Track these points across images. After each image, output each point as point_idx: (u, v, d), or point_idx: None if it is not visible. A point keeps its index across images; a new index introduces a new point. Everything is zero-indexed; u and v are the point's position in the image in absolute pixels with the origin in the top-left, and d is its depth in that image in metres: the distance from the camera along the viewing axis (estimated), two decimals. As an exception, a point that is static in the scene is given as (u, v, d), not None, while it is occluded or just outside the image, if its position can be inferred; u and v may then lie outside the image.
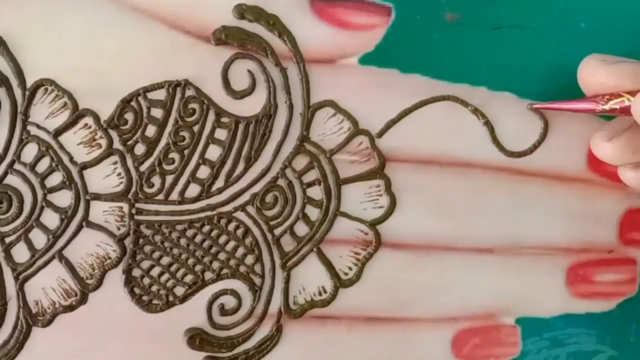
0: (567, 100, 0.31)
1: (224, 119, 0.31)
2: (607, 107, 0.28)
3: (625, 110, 0.28)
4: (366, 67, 0.32)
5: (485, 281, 0.34)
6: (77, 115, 0.30)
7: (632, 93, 0.28)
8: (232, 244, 0.32)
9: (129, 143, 0.31)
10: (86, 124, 0.31)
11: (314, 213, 0.33)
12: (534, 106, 0.33)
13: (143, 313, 0.32)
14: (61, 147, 0.30)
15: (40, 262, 0.31)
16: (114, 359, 0.32)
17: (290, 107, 0.32)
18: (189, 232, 0.32)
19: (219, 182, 0.32)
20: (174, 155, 0.31)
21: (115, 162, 0.31)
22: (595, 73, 0.28)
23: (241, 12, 0.31)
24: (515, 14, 0.33)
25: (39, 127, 0.30)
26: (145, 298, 0.32)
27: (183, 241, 0.32)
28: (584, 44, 0.34)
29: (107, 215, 0.31)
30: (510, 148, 0.34)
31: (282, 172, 0.32)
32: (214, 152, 0.32)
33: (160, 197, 0.31)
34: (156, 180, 0.31)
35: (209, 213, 0.32)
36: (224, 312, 0.32)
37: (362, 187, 0.33)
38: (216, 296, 0.32)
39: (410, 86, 0.33)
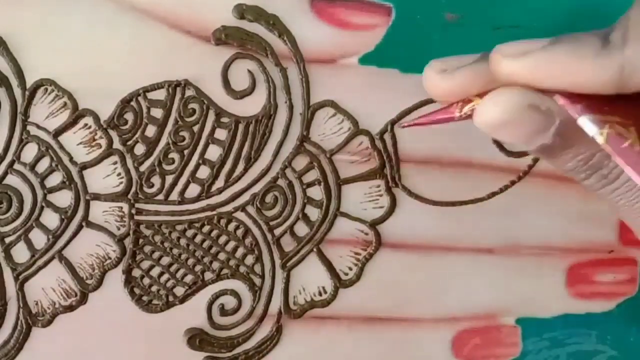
0: (428, 114, 0.28)
1: (224, 119, 0.31)
2: (462, 113, 0.27)
3: None
4: (366, 67, 0.32)
5: (485, 281, 0.34)
6: (77, 115, 0.30)
7: (480, 95, 0.27)
8: (232, 244, 0.32)
9: (129, 143, 0.31)
10: (86, 124, 0.31)
11: (314, 213, 0.33)
12: (402, 125, 0.31)
13: (143, 313, 0.32)
14: (61, 147, 0.30)
15: (40, 262, 0.31)
16: (114, 359, 0.32)
17: (290, 107, 0.32)
18: (189, 232, 0.32)
19: (219, 182, 0.32)
20: (174, 155, 0.31)
21: (115, 162, 0.31)
22: (437, 85, 0.27)
23: (241, 12, 0.31)
24: (515, 14, 0.33)
25: (38, 127, 0.30)
26: (145, 298, 0.32)
27: (183, 241, 0.32)
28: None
29: (107, 216, 0.31)
30: (510, 148, 0.34)
31: (282, 172, 0.32)
32: (214, 152, 0.32)
33: (160, 197, 0.31)
34: (156, 180, 0.31)
35: (209, 213, 0.32)
36: (224, 312, 0.32)
37: (362, 187, 0.33)
38: (216, 296, 0.32)
39: (410, 86, 0.33)
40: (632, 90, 0.23)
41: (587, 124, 0.23)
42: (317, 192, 0.33)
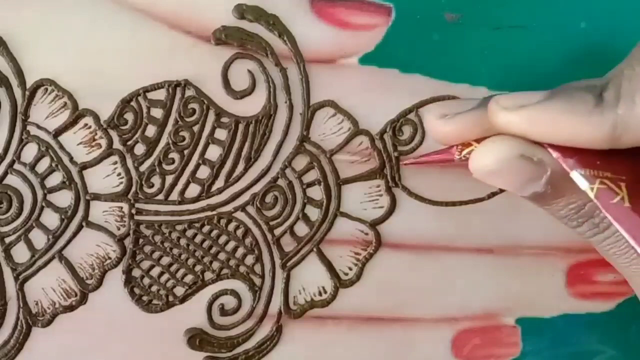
0: (429, 154, 0.30)
1: (224, 119, 0.31)
2: (462, 156, 0.28)
3: None
4: (366, 67, 0.32)
5: (485, 281, 0.34)
6: (77, 115, 0.30)
7: (478, 140, 0.27)
8: (232, 244, 0.32)
9: (129, 143, 0.31)
10: (86, 124, 0.31)
11: (314, 213, 0.33)
12: (403, 164, 0.32)
13: (143, 313, 0.32)
14: (61, 147, 0.30)
15: (40, 262, 0.31)
16: (114, 359, 0.32)
17: (290, 107, 0.32)
18: (189, 232, 0.32)
19: (219, 182, 0.32)
20: (174, 155, 0.31)
21: (115, 162, 0.31)
22: (438, 130, 0.28)
23: (241, 12, 0.31)
24: (515, 14, 0.33)
25: (38, 127, 0.30)
26: (145, 298, 0.32)
27: (183, 241, 0.32)
28: (584, 44, 0.34)
29: (107, 215, 0.31)
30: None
31: (282, 172, 0.32)
32: (214, 152, 0.32)
33: (160, 197, 0.31)
34: (156, 180, 0.31)
35: (209, 213, 0.32)
36: (224, 312, 0.32)
37: (362, 187, 0.33)
38: (216, 296, 0.32)
39: (410, 86, 0.33)
40: (625, 146, 0.23)
41: (578, 178, 0.24)
42: (317, 192, 0.33)
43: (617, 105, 0.23)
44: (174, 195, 0.32)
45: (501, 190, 0.34)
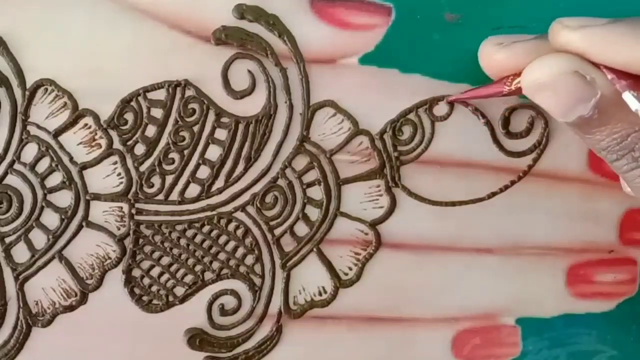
0: (476, 88, 0.31)
1: (224, 119, 0.31)
2: (512, 87, 0.28)
3: None
4: (366, 67, 0.32)
5: (485, 281, 0.34)
6: (77, 115, 0.30)
7: None
8: (232, 244, 0.32)
9: (129, 143, 0.31)
10: (86, 124, 0.31)
11: (314, 213, 0.33)
12: (449, 99, 0.32)
13: (143, 313, 0.32)
14: (61, 147, 0.30)
15: (40, 262, 0.31)
16: (114, 359, 0.32)
17: (290, 107, 0.32)
18: (189, 232, 0.32)
19: (219, 182, 0.32)
20: (174, 155, 0.31)
21: (115, 162, 0.31)
22: (493, 57, 0.29)
23: (241, 12, 0.31)
24: (515, 14, 0.33)
25: (39, 127, 0.30)
26: (145, 298, 0.32)
27: (183, 241, 0.32)
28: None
29: (107, 216, 0.31)
30: (510, 148, 0.34)
31: (282, 172, 0.32)
32: (214, 152, 0.32)
33: (160, 197, 0.31)
34: (156, 180, 0.31)
35: (209, 213, 0.32)
36: (224, 312, 0.32)
37: (362, 187, 0.33)
38: (216, 296, 0.32)
39: (410, 86, 0.33)
40: None
41: (631, 99, 0.25)
42: (317, 192, 0.33)
43: None
44: (174, 195, 0.32)
45: (505, 188, 0.34)
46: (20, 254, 0.31)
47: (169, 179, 0.31)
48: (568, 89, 0.26)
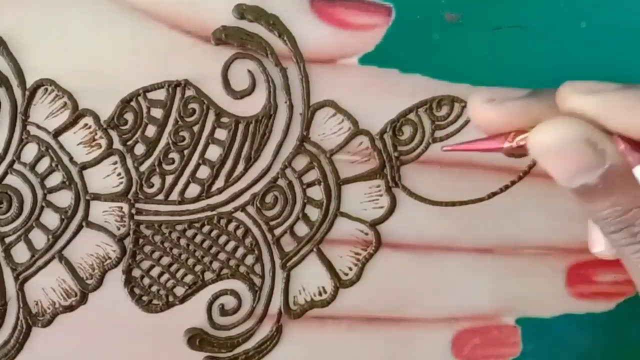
0: (474, 141, 0.28)
1: (224, 119, 0.31)
2: (514, 144, 0.27)
3: None
4: (366, 67, 0.32)
5: (485, 281, 0.34)
6: (77, 115, 0.30)
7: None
8: (232, 244, 0.32)
9: (128, 143, 0.31)
10: (86, 124, 0.31)
11: (314, 213, 0.33)
12: (444, 148, 0.30)
13: (143, 313, 0.32)
14: (61, 147, 0.30)
15: (40, 262, 0.31)
16: (114, 359, 0.32)
17: (290, 107, 0.32)
18: (189, 232, 0.32)
19: (219, 182, 0.32)
20: (174, 155, 0.31)
21: (115, 162, 0.31)
22: (484, 115, 0.27)
23: (241, 12, 0.31)
24: (515, 14, 0.33)
25: (38, 127, 0.30)
26: (145, 298, 0.32)
27: (183, 241, 0.32)
28: (584, 44, 0.34)
29: (107, 216, 0.31)
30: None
31: (282, 172, 0.32)
32: (214, 152, 0.32)
33: (160, 197, 0.31)
34: (156, 180, 0.31)
35: (209, 213, 0.32)
36: (224, 312, 0.32)
37: (362, 187, 0.33)
38: (216, 296, 0.32)
39: (410, 86, 0.33)
40: None
41: None
42: (317, 192, 0.33)
43: None
44: (174, 195, 0.32)
45: (505, 188, 0.34)
46: (20, 254, 0.31)
47: (169, 179, 0.31)
48: (577, 156, 0.25)
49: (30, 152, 0.30)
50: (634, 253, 0.26)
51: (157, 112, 0.31)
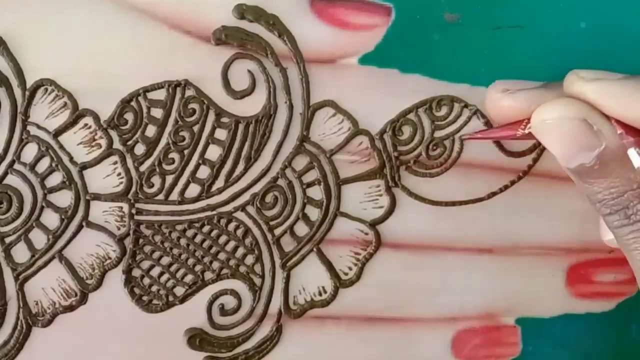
0: (490, 129, 0.31)
1: (224, 119, 0.31)
2: (525, 131, 0.29)
3: None
4: (366, 67, 0.32)
5: (485, 281, 0.34)
6: (77, 115, 0.30)
7: None
8: (232, 244, 0.32)
9: (129, 143, 0.31)
10: (86, 124, 0.31)
11: (314, 213, 0.33)
12: (463, 137, 0.32)
13: (143, 313, 0.32)
14: (61, 147, 0.30)
15: (40, 262, 0.31)
16: (114, 359, 0.32)
17: (290, 107, 0.32)
18: (189, 232, 0.32)
19: (219, 182, 0.32)
20: (174, 155, 0.31)
21: (115, 162, 0.31)
22: (499, 104, 0.30)
23: (241, 12, 0.31)
24: (515, 14, 0.33)
25: (39, 127, 0.30)
26: (145, 298, 0.32)
27: (183, 241, 0.32)
28: (584, 44, 0.34)
29: (107, 215, 0.31)
30: (510, 148, 0.34)
31: (282, 172, 0.32)
32: (214, 152, 0.32)
33: (160, 197, 0.31)
34: (156, 180, 0.31)
35: (209, 213, 0.32)
36: (224, 312, 0.32)
37: (362, 187, 0.33)
38: (216, 296, 0.32)
39: (410, 86, 0.33)
40: None
41: (635, 156, 0.25)
42: (317, 192, 0.33)
43: None
44: (174, 195, 0.32)
45: (505, 188, 0.34)
46: (20, 254, 0.31)
47: (169, 179, 0.31)
48: (573, 135, 0.27)
49: (30, 152, 0.30)
50: (628, 234, 0.27)
51: (157, 112, 0.31)
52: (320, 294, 0.33)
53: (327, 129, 0.32)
